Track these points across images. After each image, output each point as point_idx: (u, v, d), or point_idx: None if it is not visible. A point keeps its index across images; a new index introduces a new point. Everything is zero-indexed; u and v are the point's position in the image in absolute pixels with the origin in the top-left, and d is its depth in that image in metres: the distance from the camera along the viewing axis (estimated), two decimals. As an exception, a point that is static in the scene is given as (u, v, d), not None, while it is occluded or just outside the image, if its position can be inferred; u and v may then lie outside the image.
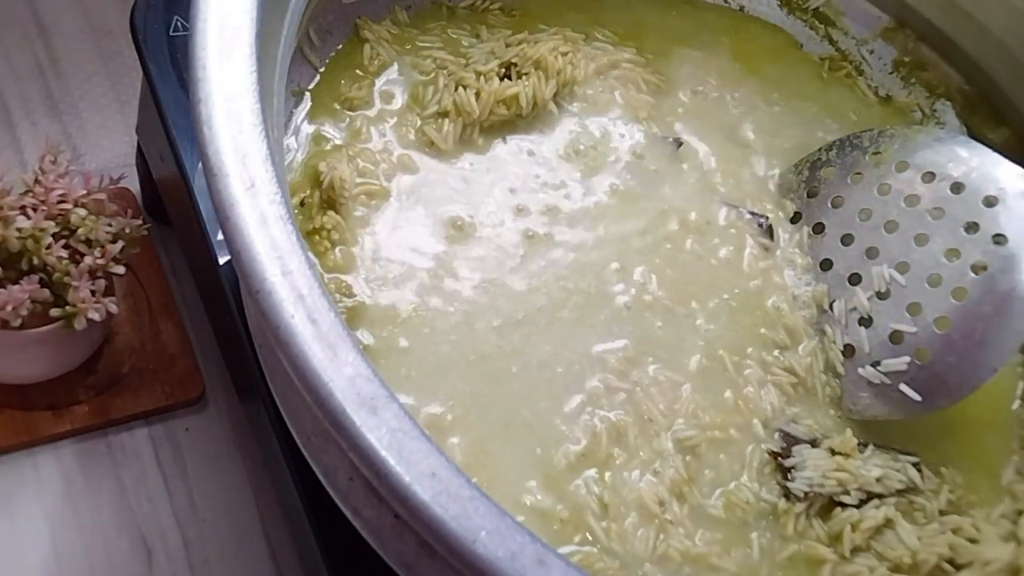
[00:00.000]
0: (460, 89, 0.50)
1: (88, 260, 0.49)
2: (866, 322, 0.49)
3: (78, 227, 0.50)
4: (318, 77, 0.51)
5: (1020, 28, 0.56)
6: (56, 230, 0.49)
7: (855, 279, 0.50)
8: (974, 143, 0.50)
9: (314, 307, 0.31)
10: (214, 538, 0.56)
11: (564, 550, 0.41)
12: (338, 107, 0.50)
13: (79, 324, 0.49)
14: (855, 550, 0.43)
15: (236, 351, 0.48)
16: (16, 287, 0.48)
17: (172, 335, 0.60)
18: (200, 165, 0.49)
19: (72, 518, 0.55)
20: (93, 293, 0.49)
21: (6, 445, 0.55)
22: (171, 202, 0.57)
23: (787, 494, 0.44)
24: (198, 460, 0.58)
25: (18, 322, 0.48)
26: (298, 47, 0.49)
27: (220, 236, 0.46)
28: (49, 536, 0.54)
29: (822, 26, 0.62)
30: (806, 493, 0.44)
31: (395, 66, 0.52)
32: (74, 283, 0.49)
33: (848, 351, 0.49)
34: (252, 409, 0.49)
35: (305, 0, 0.45)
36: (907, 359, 0.47)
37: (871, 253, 0.50)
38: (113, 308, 0.50)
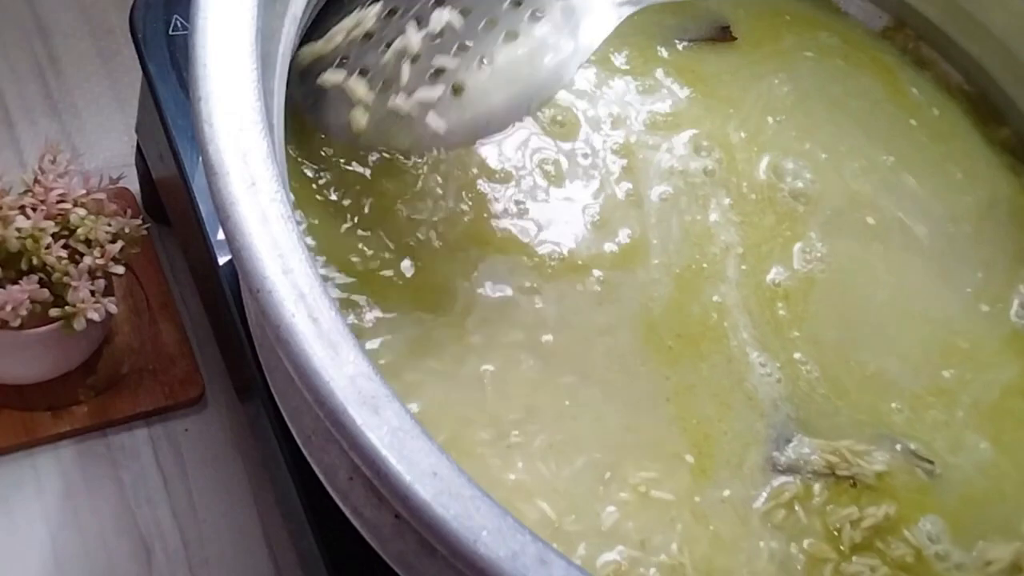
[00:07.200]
0: None
1: (88, 260, 0.49)
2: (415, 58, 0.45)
3: (77, 227, 0.50)
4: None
5: (1020, 28, 0.56)
6: (55, 230, 0.49)
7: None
8: None
9: (315, 306, 0.31)
10: (214, 538, 0.56)
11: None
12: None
13: (79, 324, 0.49)
14: (856, 548, 0.43)
15: (236, 351, 0.48)
16: (15, 287, 0.48)
17: (172, 335, 0.60)
18: (200, 165, 0.48)
19: (72, 518, 0.54)
20: (93, 293, 0.49)
21: (5, 445, 0.54)
22: (171, 202, 0.57)
23: (775, 467, 0.44)
24: (198, 460, 0.58)
25: (17, 322, 0.48)
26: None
27: (220, 236, 0.47)
28: (48, 537, 0.54)
29: (822, 25, 0.62)
30: (790, 466, 0.44)
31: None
32: (73, 283, 0.49)
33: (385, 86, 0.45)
34: (252, 409, 0.49)
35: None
36: (442, 89, 0.44)
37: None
38: (113, 308, 0.50)
